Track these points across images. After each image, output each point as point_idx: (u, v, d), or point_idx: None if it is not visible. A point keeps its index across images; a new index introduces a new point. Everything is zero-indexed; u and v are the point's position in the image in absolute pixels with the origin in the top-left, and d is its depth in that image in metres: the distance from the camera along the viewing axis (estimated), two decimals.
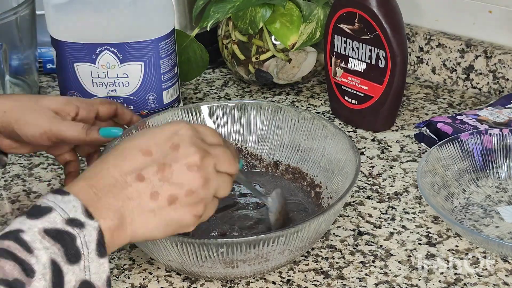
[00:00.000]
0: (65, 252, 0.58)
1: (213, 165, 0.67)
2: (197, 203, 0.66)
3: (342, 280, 0.80)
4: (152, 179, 0.64)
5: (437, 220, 0.89)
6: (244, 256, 0.74)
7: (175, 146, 0.65)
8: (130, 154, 0.65)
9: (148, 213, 0.64)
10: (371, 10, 1.00)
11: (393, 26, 1.00)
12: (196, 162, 0.65)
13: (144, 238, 0.66)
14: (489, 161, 0.95)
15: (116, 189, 0.63)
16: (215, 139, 0.70)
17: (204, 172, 0.66)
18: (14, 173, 1.00)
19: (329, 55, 1.08)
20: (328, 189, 0.88)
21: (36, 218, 0.59)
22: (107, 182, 0.63)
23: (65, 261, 0.58)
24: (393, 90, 1.03)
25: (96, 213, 0.61)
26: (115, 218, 0.62)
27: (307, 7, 1.11)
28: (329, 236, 0.87)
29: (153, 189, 0.64)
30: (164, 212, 0.65)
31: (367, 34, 1.02)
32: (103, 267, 0.60)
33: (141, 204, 0.64)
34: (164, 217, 0.65)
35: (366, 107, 1.06)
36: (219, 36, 1.20)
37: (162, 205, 0.65)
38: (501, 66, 1.14)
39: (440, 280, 0.80)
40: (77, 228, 0.59)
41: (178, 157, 0.65)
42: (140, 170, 0.64)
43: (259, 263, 0.76)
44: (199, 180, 0.66)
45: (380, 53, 1.01)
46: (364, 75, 1.05)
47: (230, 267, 0.75)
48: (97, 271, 0.60)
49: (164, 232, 0.66)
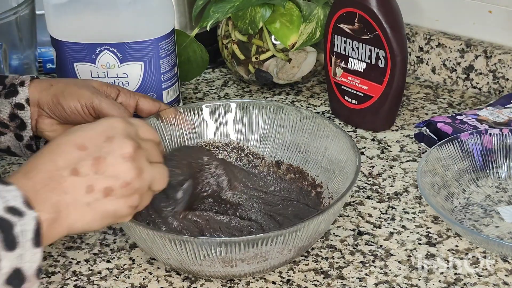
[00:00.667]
0: (3, 238, 0.59)
1: (145, 157, 0.68)
2: (132, 194, 0.67)
3: (342, 280, 0.80)
4: (87, 173, 0.65)
5: (437, 220, 0.89)
6: (243, 255, 0.74)
7: (109, 138, 0.66)
8: (65, 149, 0.65)
9: (84, 207, 0.65)
10: (371, 10, 1.00)
11: (393, 26, 1.00)
12: (130, 152, 0.66)
13: (82, 231, 0.67)
14: (489, 161, 0.95)
15: (53, 183, 0.64)
16: (148, 134, 0.72)
17: (137, 163, 0.67)
18: None
19: (329, 54, 1.08)
20: (329, 189, 0.88)
21: None
22: (44, 176, 0.64)
23: (3, 247, 0.59)
24: (393, 90, 1.03)
25: (34, 205, 0.62)
26: (52, 212, 0.63)
27: (307, 7, 1.10)
28: (329, 236, 0.87)
29: (88, 182, 0.65)
30: (100, 204, 0.66)
31: (367, 34, 1.02)
32: (36, 257, 0.61)
33: (77, 198, 0.65)
34: (100, 210, 0.66)
35: (366, 107, 1.06)
36: (219, 36, 1.20)
37: (98, 197, 0.66)
38: (501, 66, 1.14)
39: (440, 280, 0.80)
40: (16, 216, 0.60)
41: (112, 149, 0.66)
42: (75, 164, 0.65)
43: (258, 262, 0.76)
44: (134, 171, 0.66)
45: (380, 53, 1.01)
46: (364, 75, 1.05)
47: (229, 266, 0.75)
48: (30, 260, 0.61)
49: (101, 224, 0.67)
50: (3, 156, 1.04)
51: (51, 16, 1.00)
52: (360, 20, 1.02)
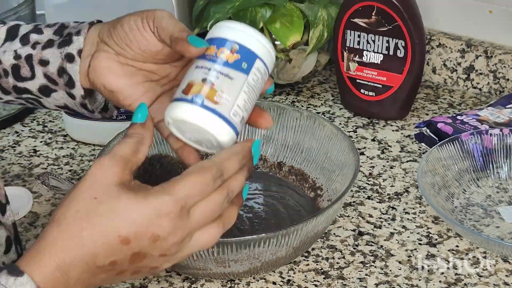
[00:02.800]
0: None
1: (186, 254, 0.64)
2: None
3: (342, 281, 0.80)
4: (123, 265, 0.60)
5: (437, 220, 0.89)
6: (235, 256, 0.74)
7: (154, 237, 0.60)
8: (108, 240, 0.59)
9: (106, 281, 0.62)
10: (391, 1, 1.04)
11: (412, 15, 1.05)
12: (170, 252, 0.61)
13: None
14: (489, 161, 0.95)
15: (86, 276, 0.59)
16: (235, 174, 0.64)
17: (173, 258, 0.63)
18: (14, 173, 1.00)
19: (340, 50, 1.10)
20: (329, 191, 0.88)
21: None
22: (80, 270, 0.58)
23: None
24: (413, 78, 1.07)
25: None
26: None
27: (311, 11, 1.11)
28: (329, 236, 0.87)
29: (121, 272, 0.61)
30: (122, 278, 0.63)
31: (385, 26, 1.05)
32: None
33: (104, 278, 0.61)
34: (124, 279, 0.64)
35: (385, 98, 1.09)
36: None
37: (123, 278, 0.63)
38: (502, 66, 1.14)
39: (440, 280, 0.80)
40: None
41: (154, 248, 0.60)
42: (115, 257, 0.59)
43: (250, 263, 0.76)
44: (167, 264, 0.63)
45: (399, 43, 1.05)
46: (381, 67, 1.07)
47: (222, 266, 0.75)
48: None
49: None
50: (3, 156, 1.04)
51: (51, 16, 1.00)
52: (378, 13, 1.05)
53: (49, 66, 0.73)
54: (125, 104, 0.71)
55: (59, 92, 0.74)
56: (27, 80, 0.74)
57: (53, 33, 0.75)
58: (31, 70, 0.73)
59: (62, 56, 0.73)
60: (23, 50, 0.74)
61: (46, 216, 0.92)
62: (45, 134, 1.09)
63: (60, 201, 0.62)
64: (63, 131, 1.09)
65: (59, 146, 1.06)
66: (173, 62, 0.72)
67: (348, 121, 1.11)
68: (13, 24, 0.76)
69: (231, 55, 0.64)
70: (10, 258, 0.71)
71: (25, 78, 0.74)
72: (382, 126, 1.09)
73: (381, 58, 1.07)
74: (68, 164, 1.02)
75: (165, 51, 0.70)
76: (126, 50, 0.71)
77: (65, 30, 0.75)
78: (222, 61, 0.64)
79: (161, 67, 0.72)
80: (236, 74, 0.64)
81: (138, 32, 0.70)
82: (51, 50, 0.73)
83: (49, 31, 0.75)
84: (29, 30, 0.75)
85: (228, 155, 0.63)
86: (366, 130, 1.08)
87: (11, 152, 1.05)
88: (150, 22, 0.70)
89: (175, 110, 0.64)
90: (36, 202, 0.94)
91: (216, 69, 0.64)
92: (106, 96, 0.72)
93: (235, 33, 0.65)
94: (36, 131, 1.09)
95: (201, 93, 0.63)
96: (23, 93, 0.75)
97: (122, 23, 0.72)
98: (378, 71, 1.08)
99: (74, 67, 0.73)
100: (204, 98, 0.63)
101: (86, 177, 0.60)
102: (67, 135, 1.08)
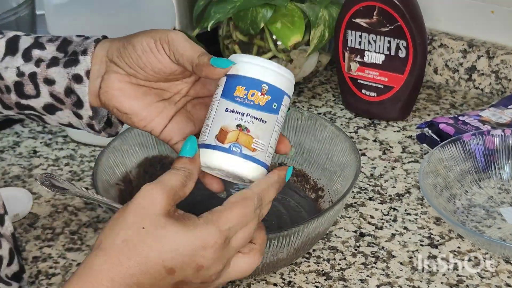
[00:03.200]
0: None
1: None
2: None
3: (343, 282, 0.80)
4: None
5: (439, 221, 0.89)
6: None
7: (198, 267, 0.61)
8: (155, 271, 0.60)
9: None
10: (392, 1, 1.03)
11: (413, 16, 1.04)
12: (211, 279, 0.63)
13: None
14: (491, 162, 0.94)
15: None
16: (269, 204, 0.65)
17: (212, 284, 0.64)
18: (13, 174, 1.00)
19: (341, 50, 1.10)
20: (330, 192, 0.87)
21: None
22: None
23: None
24: (415, 78, 1.07)
25: None
26: None
27: (312, 11, 1.10)
28: (330, 237, 0.87)
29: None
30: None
31: (387, 26, 1.04)
32: None
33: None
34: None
35: (386, 98, 1.08)
36: (220, 37, 1.20)
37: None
38: (504, 66, 1.13)
39: (442, 281, 0.80)
40: None
41: (197, 277, 0.62)
42: (158, 287, 0.60)
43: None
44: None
45: (400, 43, 1.04)
46: (383, 67, 1.07)
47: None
48: None
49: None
50: (3, 157, 1.03)
51: (51, 16, 1.00)
52: (380, 13, 1.04)
53: (55, 86, 0.72)
54: (139, 126, 0.71)
55: (64, 111, 0.73)
56: (31, 98, 0.73)
57: (56, 49, 0.73)
58: (35, 89, 0.72)
59: (69, 76, 0.72)
60: (27, 67, 0.72)
61: (46, 217, 0.91)
62: (45, 135, 1.08)
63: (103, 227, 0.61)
64: (63, 132, 1.08)
65: (59, 147, 1.06)
66: (185, 78, 0.72)
67: (349, 121, 1.11)
68: (12, 36, 0.74)
69: (262, 97, 0.64)
70: (12, 270, 0.71)
71: (29, 96, 0.72)
72: (383, 126, 1.09)
73: (383, 59, 1.07)
74: (68, 165, 1.01)
75: (179, 71, 0.70)
76: (139, 72, 0.70)
77: (69, 47, 0.73)
78: (254, 105, 0.64)
79: (172, 84, 0.72)
80: (268, 117, 0.64)
81: (152, 54, 0.69)
82: (57, 69, 0.72)
83: (52, 46, 0.73)
84: (31, 45, 0.73)
85: (267, 185, 0.64)
86: (367, 130, 1.08)
87: (11, 153, 1.05)
88: (164, 45, 0.69)
89: (214, 159, 0.64)
90: (36, 203, 0.94)
91: (249, 114, 0.64)
92: (119, 117, 0.72)
93: (262, 72, 0.65)
94: (36, 132, 1.09)
95: (238, 142, 0.63)
96: (25, 109, 0.74)
97: (134, 44, 0.70)
98: (379, 72, 1.08)
99: (83, 88, 0.71)
100: (242, 147, 0.63)
101: (133, 204, 0.60)
102: (67, 136, 1.08)
